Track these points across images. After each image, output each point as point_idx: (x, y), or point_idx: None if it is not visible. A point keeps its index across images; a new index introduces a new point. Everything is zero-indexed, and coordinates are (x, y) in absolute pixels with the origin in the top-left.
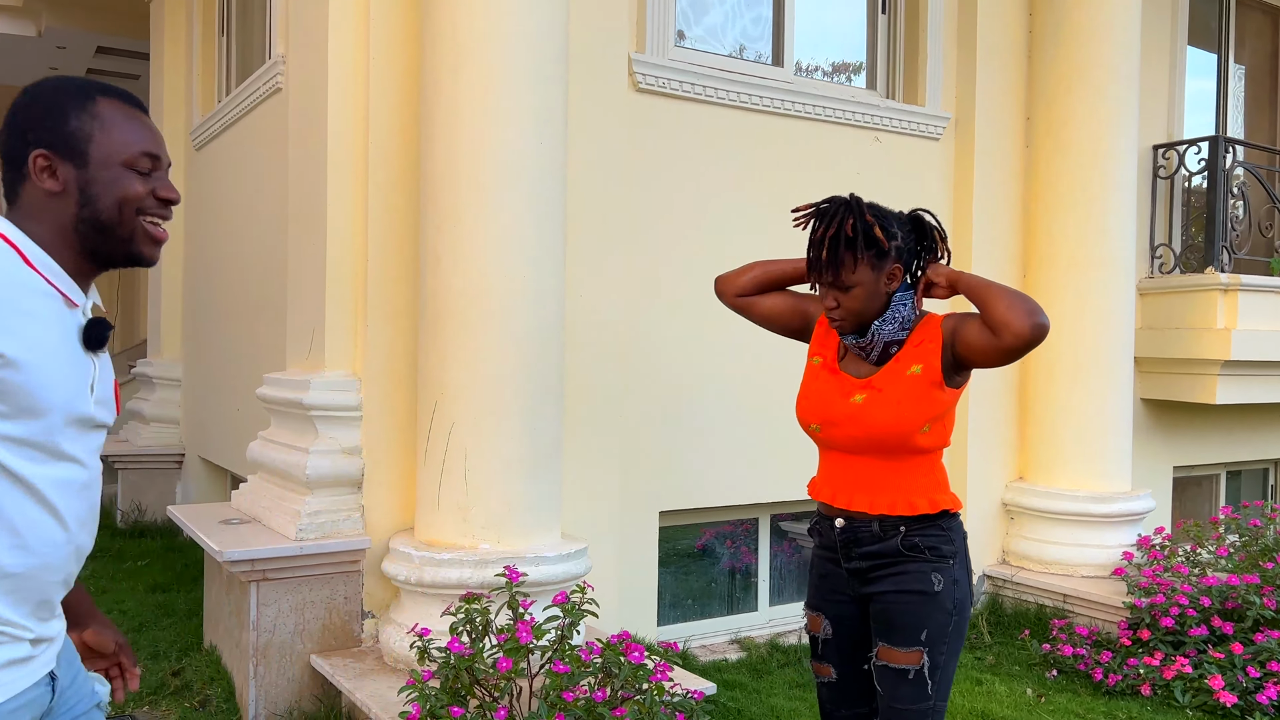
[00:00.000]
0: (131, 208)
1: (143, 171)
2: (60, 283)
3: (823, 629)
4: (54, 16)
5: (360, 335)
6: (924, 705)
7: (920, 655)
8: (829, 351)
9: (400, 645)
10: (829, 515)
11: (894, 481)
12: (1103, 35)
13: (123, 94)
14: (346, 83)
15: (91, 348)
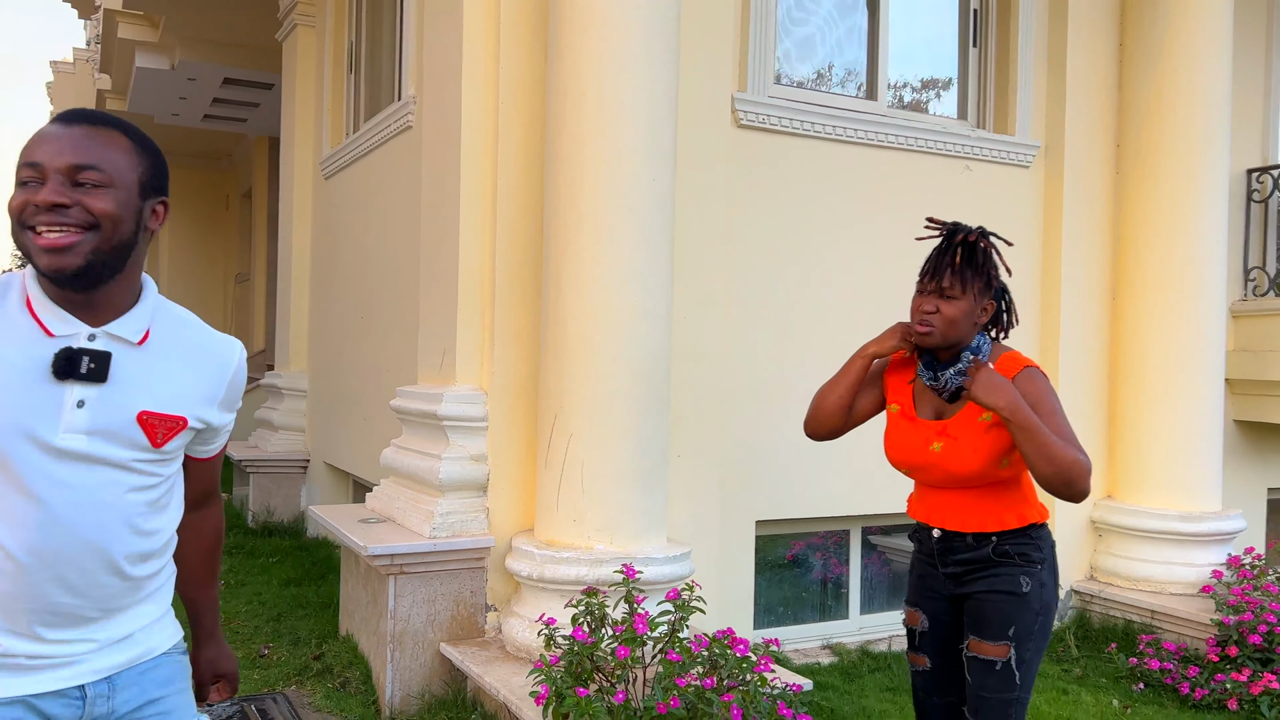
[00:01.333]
0: (15, 220)
1: (24, 182)
2: (41, 312)
3: (920, 623)
4: (186, 51)
5: (487, 353)
6: (1008, 695)
7: (1007, 649)
8: (905, 398)
9: (522, 635)
10: (926, 528)
11: (982, 505)
12: (1193, 62)
13: (66, 113)
14: (477, 124)
15: (60, 376)
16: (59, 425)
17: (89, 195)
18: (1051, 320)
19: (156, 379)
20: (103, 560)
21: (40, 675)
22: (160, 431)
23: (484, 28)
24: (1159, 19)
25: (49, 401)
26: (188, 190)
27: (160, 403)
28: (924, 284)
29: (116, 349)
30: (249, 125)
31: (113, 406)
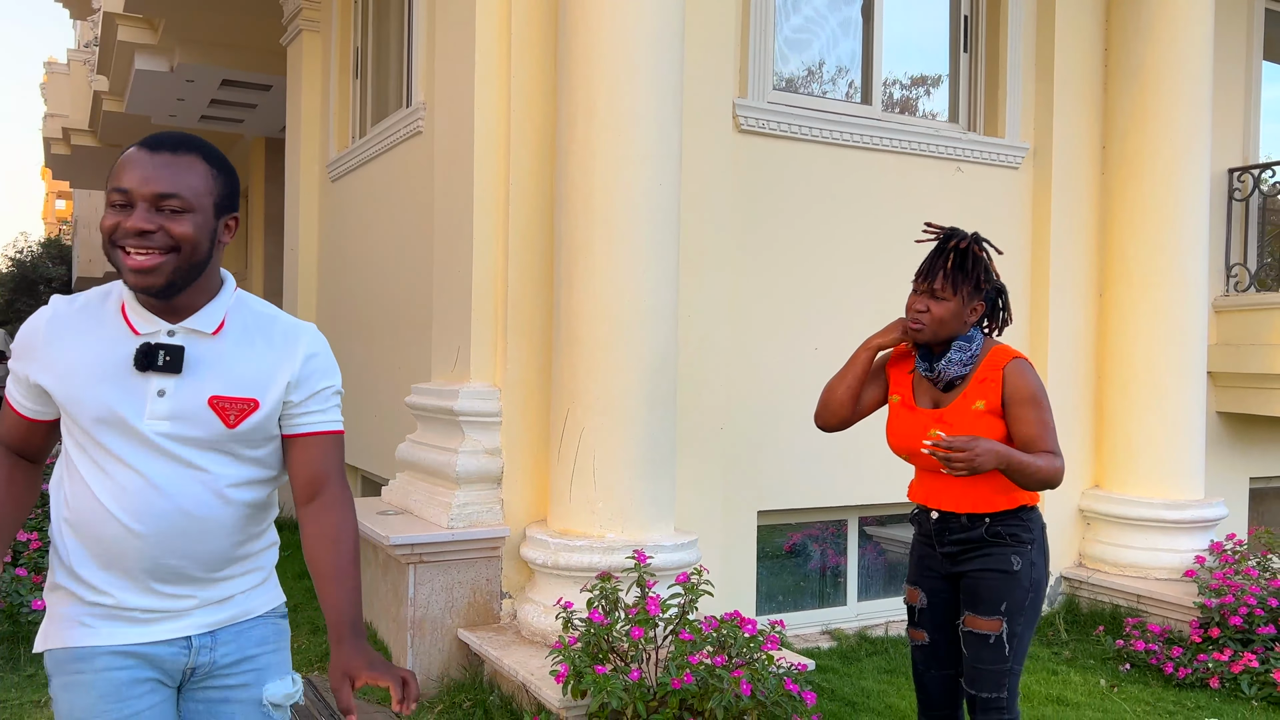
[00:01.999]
0: (106, 238)
1: (115, 205)
2: (131, 314)
3: (920, 600)
4: (185, 54)
5: (500, 351)
6: (1002, 666)
7: (1000, 623)
8: (905, 389)
9: (537, 620)
10: (925, 510)
11: (976, 487)
12: (1175, 67)
13: (151, 139)
14: (489, 130)
15: (140, 369)
16: (144, 413)
17: (171, 221)
18: (1040, 317)
19: (228, 365)
20: (201, 529)
21: (152, 626)
22: (232, 414)
23: (495, 36)
24: (1142, 26)
25: (135, 392)
26: None
27: (231, 387)
28: (918, 284)
29: (191, 341)
30: (246, 126)
31: (187, 393)
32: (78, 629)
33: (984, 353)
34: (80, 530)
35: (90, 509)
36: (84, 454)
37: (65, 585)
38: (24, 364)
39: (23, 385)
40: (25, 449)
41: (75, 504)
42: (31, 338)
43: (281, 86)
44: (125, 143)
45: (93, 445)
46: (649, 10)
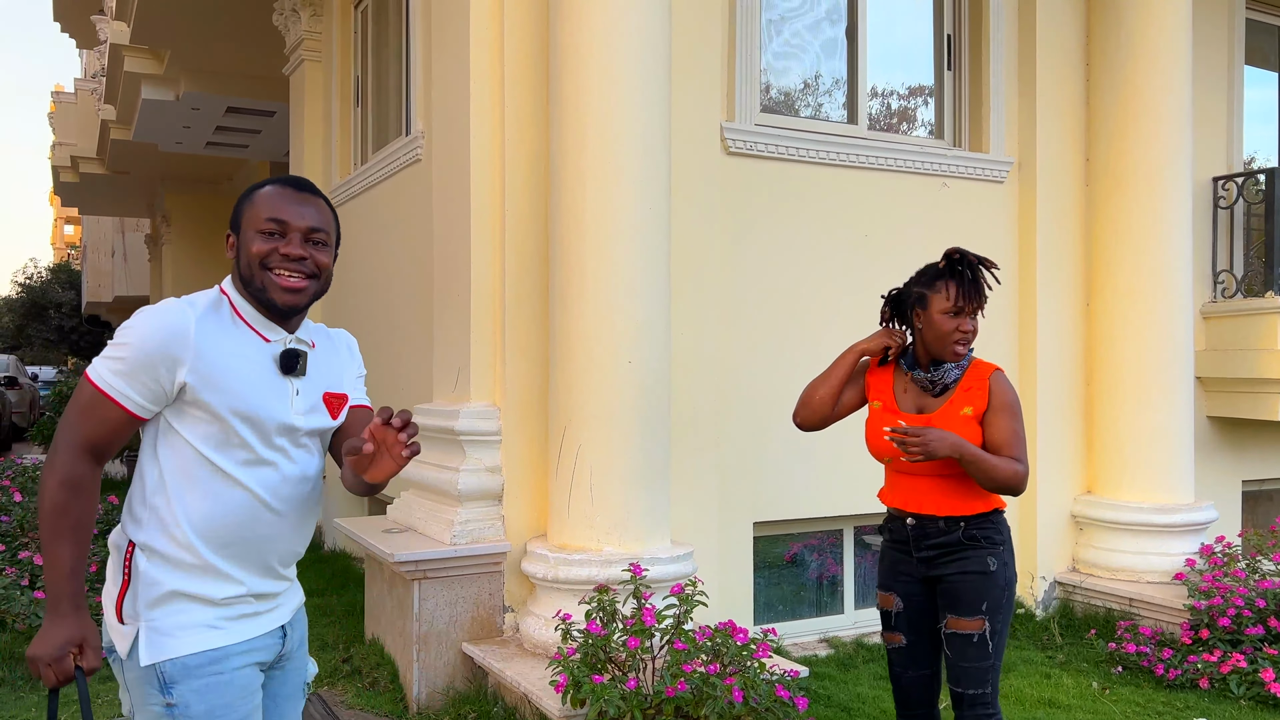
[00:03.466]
0: (257, 262)
1: (268, 233)
2: (255, 323)
3: (895, 604)
4: (191, 82)
5: (499, 371)
6: (985, 663)
7: (982, 623)
8: (886, 395)
9: (539, 633)
10: (900, 516)
11: (953, 490)
12: (1156, 79)
13: (291, 180)
14: (485, 157)
15: (284, 372)
16: (290, 408)
17: (317, 251)
18: (1029, 327)
19: (325, 369)
20: (314, 508)
21: (264, 619)
22: (335, 406)
23: (489, 67)
24: (1122, 41)
25: (282, 390)
26: (190, 214)
27: (333, 384)
28: (961, 306)
29: (303, 349)
30: (251, 151)
31: (310, 392)
32: (210, 632)
33: (968, 362)
34: (217, 523)
35: (236, 501)
36: (224, 449)
37: (186, 590)
38: (167, 363)
39: (149, 383)
40: (108, 449)
41: (210, 500)
42: (181, 336)
43: (285, 111)
44: (133, 170)
45: (237, 440)
46: (636, 40)
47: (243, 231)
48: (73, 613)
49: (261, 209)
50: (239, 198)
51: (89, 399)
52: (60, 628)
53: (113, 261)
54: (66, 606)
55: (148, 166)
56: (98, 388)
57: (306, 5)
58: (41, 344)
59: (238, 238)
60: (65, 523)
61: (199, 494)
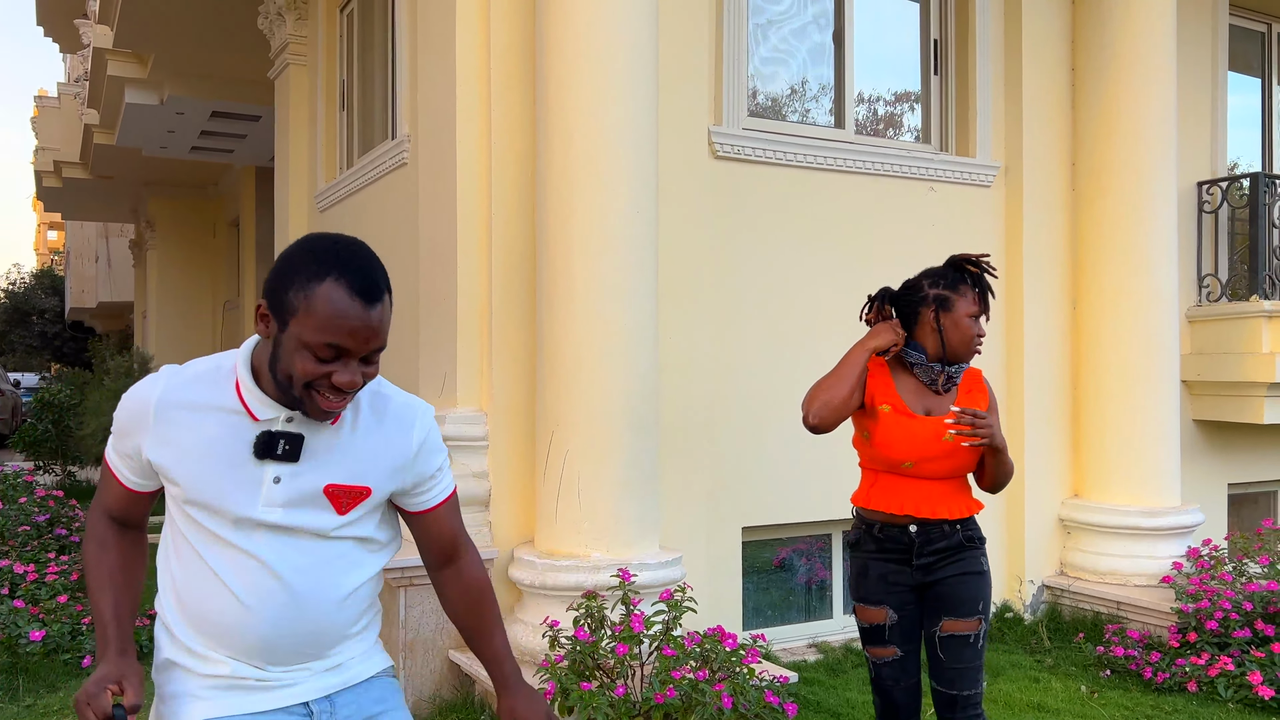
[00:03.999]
0: (300, 382)
1: (322, 358)
2: (250, 400)
3: (888, 618)
4: (175, 86)
5: (486, 376)
6: (979, 662)
7: (979, 623)
8: (894, 398)
9: (527, 640)
10: (899, 523)
11: (958, 492)
12: (1141, 84)
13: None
14: (471, 161)
15: (260, 456)
16: (259, 500)
17: (369, 366)
18: (1016, 331)
19: (345, 454)
20: (310, 608)
21: (268, 694)
22: (344, 501)
23: (475, 70)
24: (1106, 46)
25: (251, 479)
26: (174, 219)
27: (347, 476)
28: (977, 309)
29: (310, 429)
30: (236, 155)
31: (304, 481)
32: (194, 703)
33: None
34: (190, 603)
35: (202, 582)
36: (196, 528)
37: (177, 660)
38: (133, 438)
39: (129, 458)
40: (128, 518)
41: (185, 577)
42: (141, 412)
43: (270, 115)
44: (117, 175)
45: (204, 522)
46: (623, 44)
47: (288, 330)
48: (115, 655)
49: (321, 324)
50: (285, 270)
51: (104, 471)
52: (100, 669)
53: (96, 267)
54: (111, 651)
55: (132, 171)
56: (105, 461)
57: (292, 8)
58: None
59: (279, 328)
60: (99, 574)
61: (173, 567)
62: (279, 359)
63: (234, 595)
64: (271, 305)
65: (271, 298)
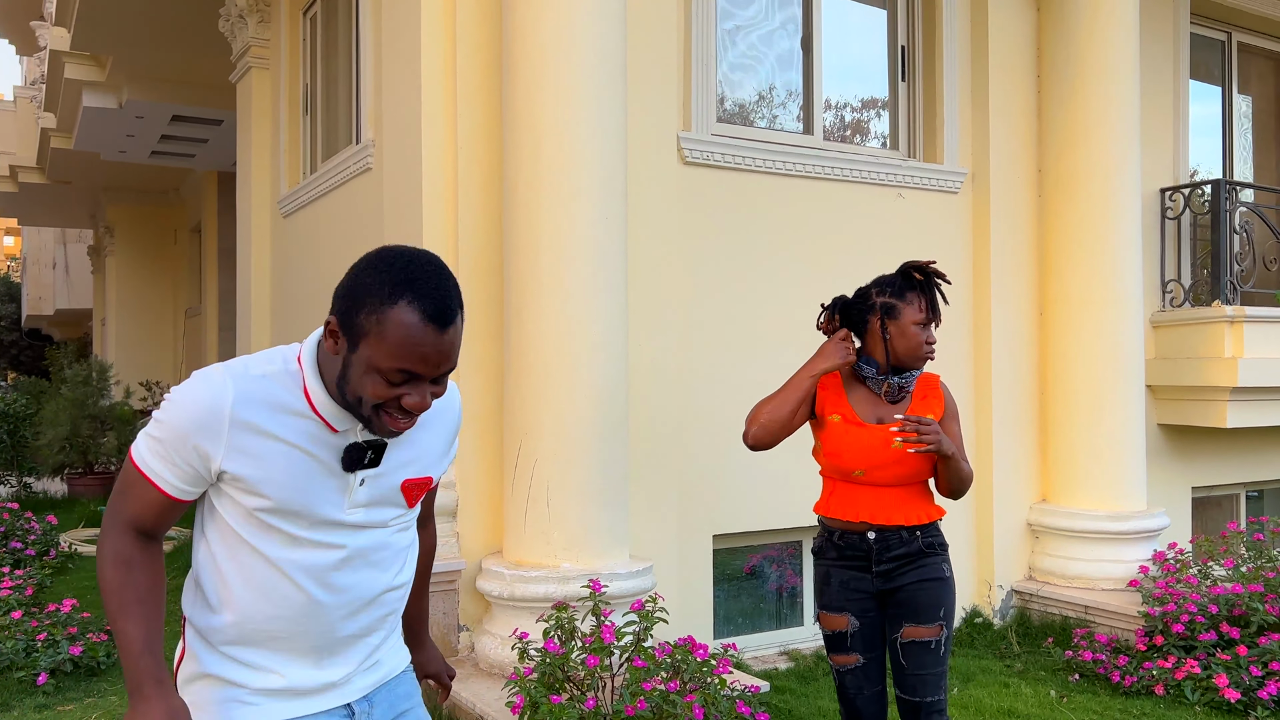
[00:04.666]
0: (369, 404)
1: (394, 382)
2: (324, 411)
3: (849, 625)
4: (134, 90)
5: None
6: (941, 668)
7: (940, 629)
8: (844, 408)
9: (495, 652)
10: (857, 530)
11: (915, 499)
12: (1105, 92)
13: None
14: (437, 167)
15: (348, 469)
16: (346, 504)
17: (439, 385)
18: (983, 335)
19: (412, 448)
20: (369, 598)
21: (314, 699)
22: (414, 494)
23: (441, 75)
24: (1071, 54)
25: (339, 485)
26: (134, 225)
27: (417, 469)
28: (930, 318)
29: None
30: (198, 160)
31: (384, 482)
32: (242, 709)
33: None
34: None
35: (268, 585)
36: (266, 531)
37: (223, 675)
38: (198, 446)
39: (183, 466)
40: (157, 529)
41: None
42: (213, 420)
43: (233, 120)
44: (75, 179)
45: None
46: (591, 50)
47: (359, 352)
48: (157, 693)
49: (394, 350)
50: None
51: (130, 477)
52: (141, 707)
53: (54, 274)
54: (150, 687)
55: (90, 176)
56: (137, 466)
57: (254, 11)
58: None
59: (348, 348)
60: (126, 598)
61: (240, 580)
62: (348, 379)
63: (306, 592)
64: (343, 325)
65: (343, 317)
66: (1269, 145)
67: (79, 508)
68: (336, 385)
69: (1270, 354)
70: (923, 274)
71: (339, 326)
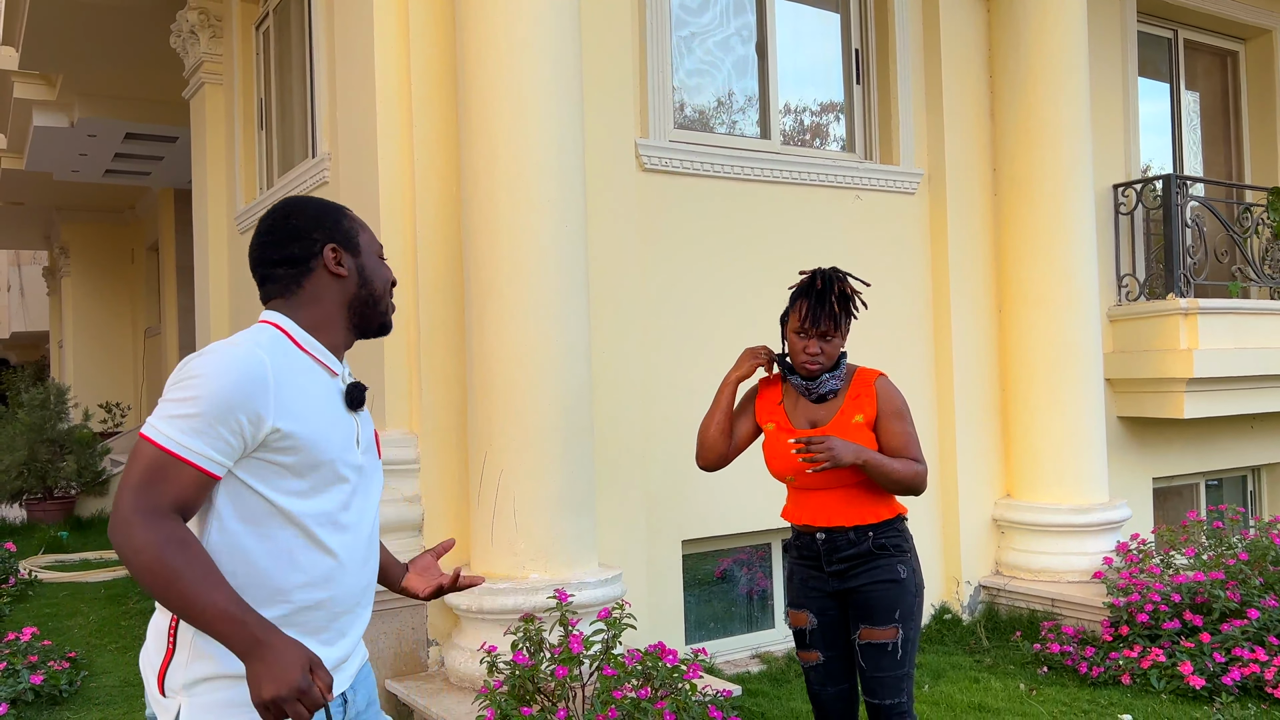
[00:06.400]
0: (389, 286)
1: (382, 258)
2: (322, 357)
3: (809, 622)
4: (86, 108)
5: (415, 398)
6: (900, 671)
7: (896, 631)
8: (778, 416)
9: (465, 666)
10: (809, 532)
11: (857, 500)
12: (1056, 92)
13: None
14: (393, 179)
15: (352, 408)
16: (356, 449)
17: None
18: (943, 335)
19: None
20: (369, 534)
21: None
22: (380, 445)
23: (396, 86)
24: (1022, 55)
25: (350, 429)
26: (90, 245)
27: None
28: (805, 329)
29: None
30: (153, 179)
31: (366, 429)
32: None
33: (851, 371)
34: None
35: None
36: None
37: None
38: (253, 409)
39: (229, 436)
40: (190, 511)
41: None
42: (262, 380)
43: (187, 137)
44: (28, 200)
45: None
46: (545, 58)
47: (362, 252)
48: (280, 638)
49: (371, 235)
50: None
51: (156, 462)
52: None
53: (9, 296)
54: (272, 635)
55: (43, 196)
56: (166, 450)
57: (205, 26)
58: None
59: (352, 255)
60: (199, 572)
61: (268, 556)
62: (369, 279)
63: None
64: (341, 242)
65: (337, 237)
66: (1217, 140)
67: (39, 533)
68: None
69: (1225, 345)
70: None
71: (341, 245)
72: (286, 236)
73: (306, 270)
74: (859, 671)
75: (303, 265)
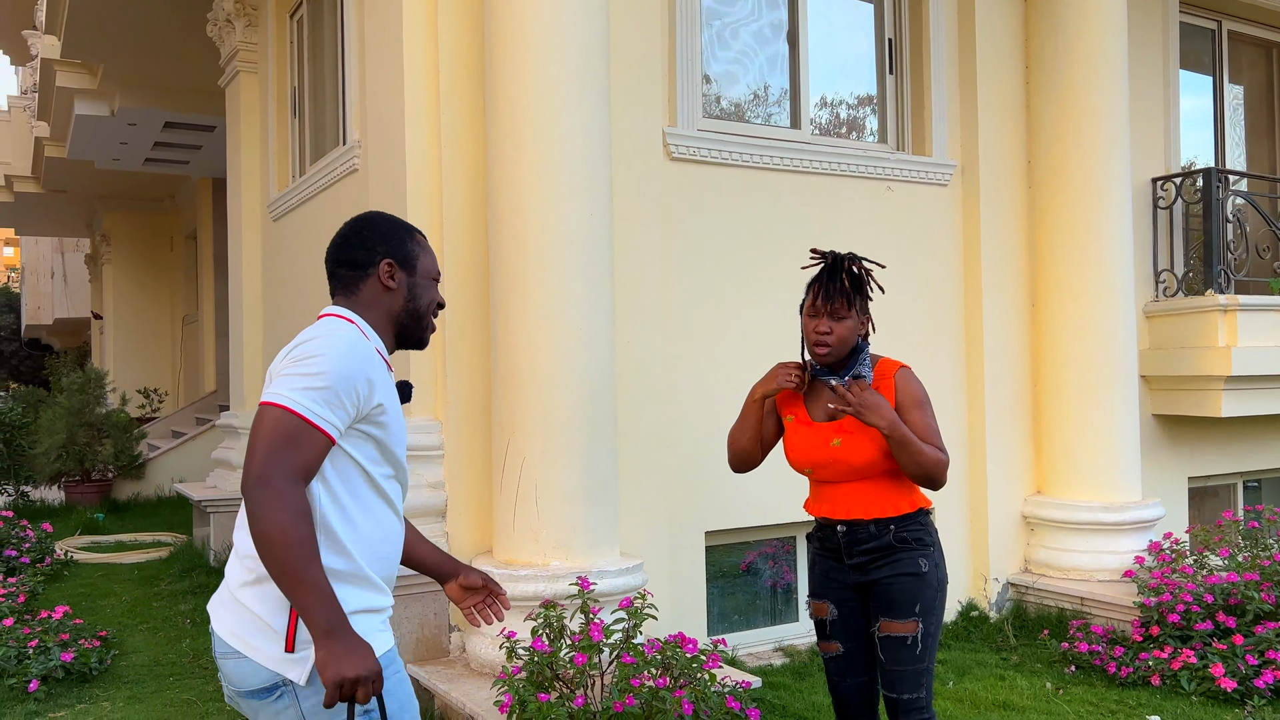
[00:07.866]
0: (434, 308)
1: (436, 283)
2: (383, 352)
3: (829, 612)
4: (126, 97)
5: (440, 385)
6: (919, 666)
7: (916, 625)
8: (798, 409)
9: (486, 652)
10: (830, 524)
11: (878, 493)
12: (1094, 83)
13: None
14: (421, 166)
15: (404, 401)
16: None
17: None
18: (975, 327)
19: None
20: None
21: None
22: None
23: (423, 74)
24: (1059, 45)
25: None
26: (131, 233)
27: None
28: (817, 307)
29: None
30: (192, 167)
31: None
32: (384, 634)
33: (874, 361)
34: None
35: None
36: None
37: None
38: (365, 385)
39: (350, 408)
40: (311, 476)
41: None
42: (372, 358)
43: (225, 127)
44: (70, 188)
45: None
46: (573, 47)
47: (417, 272)
48: (353, 633)
49: (432, 261)
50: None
51: (294, 429)
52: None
53: (52, 283)
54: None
55: (85, 185)
56: (304, 418)
57: (241, 15)
58: None
59: (408, 274)
60: (310, 550)
61: (363, 513)
62: (416, 296)
63: (398, 514)
64: (399, 259)
65: (396, 253)
66: (1261, 134)
67: (76, 515)
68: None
69: (1265, 342)
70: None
71: (397, 262)
72: (356, 243)
73: (364, 275)
74: (879, 666)
75: (361, 270)
